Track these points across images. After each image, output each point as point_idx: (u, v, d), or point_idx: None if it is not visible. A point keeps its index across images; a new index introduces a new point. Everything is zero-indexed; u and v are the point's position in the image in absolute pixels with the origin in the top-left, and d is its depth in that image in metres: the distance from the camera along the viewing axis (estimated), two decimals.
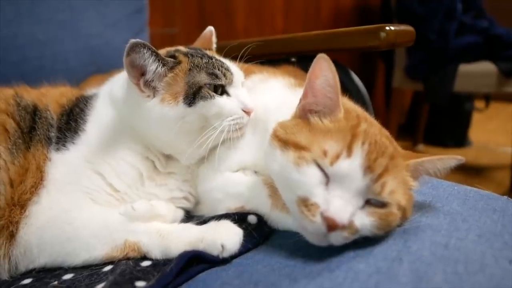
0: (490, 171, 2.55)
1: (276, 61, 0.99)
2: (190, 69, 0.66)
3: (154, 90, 0.65)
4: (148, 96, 0.65)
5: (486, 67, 2.13)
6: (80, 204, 0.63)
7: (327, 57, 0.55)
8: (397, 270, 0.47)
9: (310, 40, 0.96)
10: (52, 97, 0.72)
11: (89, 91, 0.79)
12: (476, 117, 3.00)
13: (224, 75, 0.68)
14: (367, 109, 0.68)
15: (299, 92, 0.62)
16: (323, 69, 0.55)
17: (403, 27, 0.84)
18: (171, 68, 0.66)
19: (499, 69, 2.08)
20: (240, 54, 0.74)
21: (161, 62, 0.64)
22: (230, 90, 0.69)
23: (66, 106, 0.72)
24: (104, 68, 1.17)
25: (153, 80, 0.65)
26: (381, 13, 2.84)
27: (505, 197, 0.67)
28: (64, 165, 0.65)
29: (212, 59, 0.70)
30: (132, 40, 0.61)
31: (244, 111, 0.68)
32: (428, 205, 0.64)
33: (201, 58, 0.69)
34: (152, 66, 0.63)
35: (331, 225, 0.49)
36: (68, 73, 1.22)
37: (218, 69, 0.68)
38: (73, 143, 0.67)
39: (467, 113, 2.91)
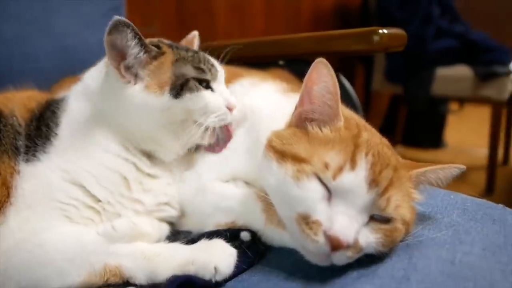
0: (465, 172, 2.60)
1: (264, 64, 0.95)
2: (176, 60, 0.64)
3: (136, 77, 0.62)
4: (129, 82, 0.62)
5: (463, 71, 2.17)
6: (53, 223, 0.56)
7: (326, 61, 0.52)
8: None
9: (300, 42, 0.93)
10: (19, 101, 0.65)
11: (61, 94, 0.72)
12: (451, 119, 3.06)
13: (210, 70, 0.67)
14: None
15: (293, 98, 0.58)
16: (323, 74, 0.51)
17: (395, 30, 0.81)
18: (154, 57, 0.63)
19: (476, 73, 2.13)
20: (222, 56, 0.72)
21: (144, 48, 0.62)
22: (214, 86, 0.67)
23: (35, 110, 0.64)
24: (78, 69, 1.08)
25: (133, 66, 0.62)
26: (360, 16, 2.86)
27: (501, 205, 0.66)
28: (35, 178, 0.58)
29: (197, 53, 0.68)
30: (116, 17, 0.57)
31: (227, 108, 0.67)
32: (428, 216, 0.61)
33: (186, 51, 0.67)
34: (134, 50, 0.61)
35: (336, 245, 0.45)
36: (40, 74, 1.13)
37: (204, 64, 0.66)
38: (44, 152, 0.60)
39: (442, 115, 2.97)
